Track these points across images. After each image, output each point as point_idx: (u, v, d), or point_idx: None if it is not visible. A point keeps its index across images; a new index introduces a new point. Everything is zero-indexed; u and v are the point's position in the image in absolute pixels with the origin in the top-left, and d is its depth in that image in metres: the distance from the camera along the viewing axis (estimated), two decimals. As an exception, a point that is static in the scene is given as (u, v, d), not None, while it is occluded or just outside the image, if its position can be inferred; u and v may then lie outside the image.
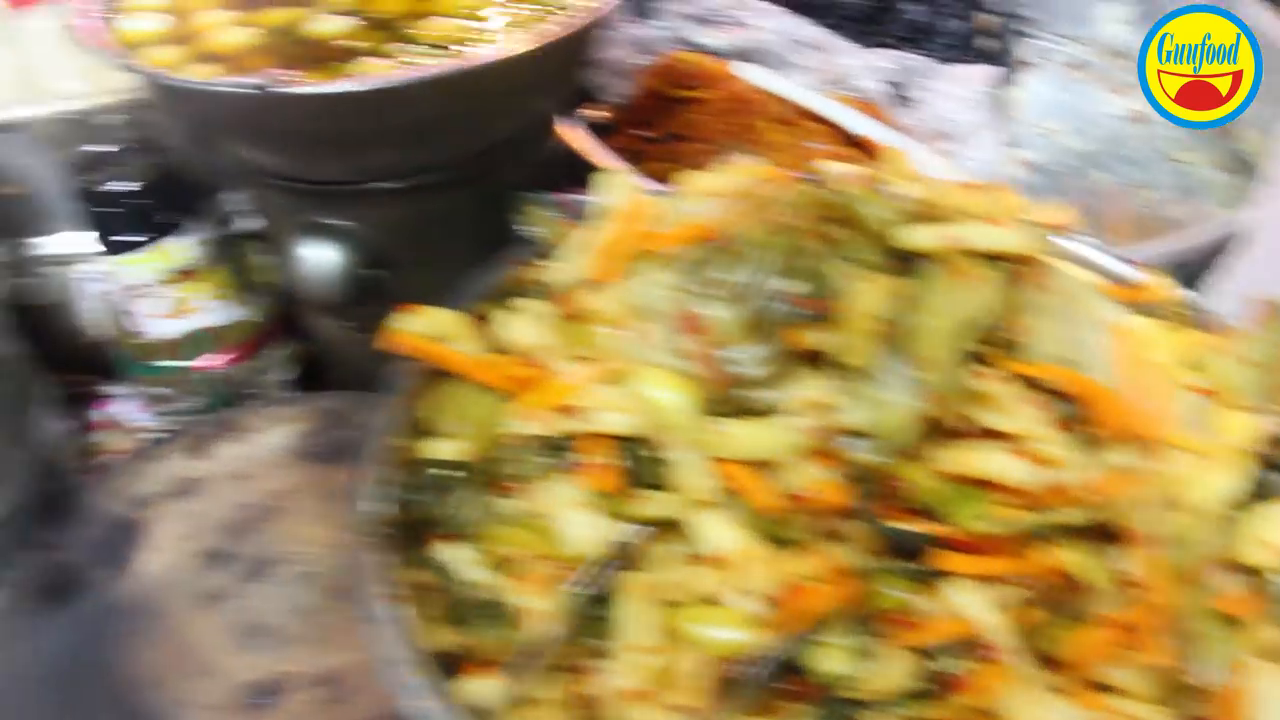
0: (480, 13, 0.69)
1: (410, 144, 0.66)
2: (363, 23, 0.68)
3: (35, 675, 0.70)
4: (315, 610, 0.70)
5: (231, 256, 0.81)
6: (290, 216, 0.72)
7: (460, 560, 0.48)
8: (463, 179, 0.71)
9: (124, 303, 0.78)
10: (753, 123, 0.90)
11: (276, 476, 0.78)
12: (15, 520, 0.76)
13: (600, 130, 0.80)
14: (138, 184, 0.75)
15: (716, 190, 0.50)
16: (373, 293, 0.73)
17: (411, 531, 0.48)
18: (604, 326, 0.49)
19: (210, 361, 0.80)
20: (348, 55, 0.65)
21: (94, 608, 0.72)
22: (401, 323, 0.52)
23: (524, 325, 0.52)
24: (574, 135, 0.76)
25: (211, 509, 0.76)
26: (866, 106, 0.94)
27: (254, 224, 0.81)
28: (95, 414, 0.90)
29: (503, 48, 0.64)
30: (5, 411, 0.76)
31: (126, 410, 0.90)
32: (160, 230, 0.76)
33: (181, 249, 0.77)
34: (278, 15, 0.70)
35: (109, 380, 0.90)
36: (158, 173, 0.75)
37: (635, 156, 0.95)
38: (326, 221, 0.72)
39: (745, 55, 0.97)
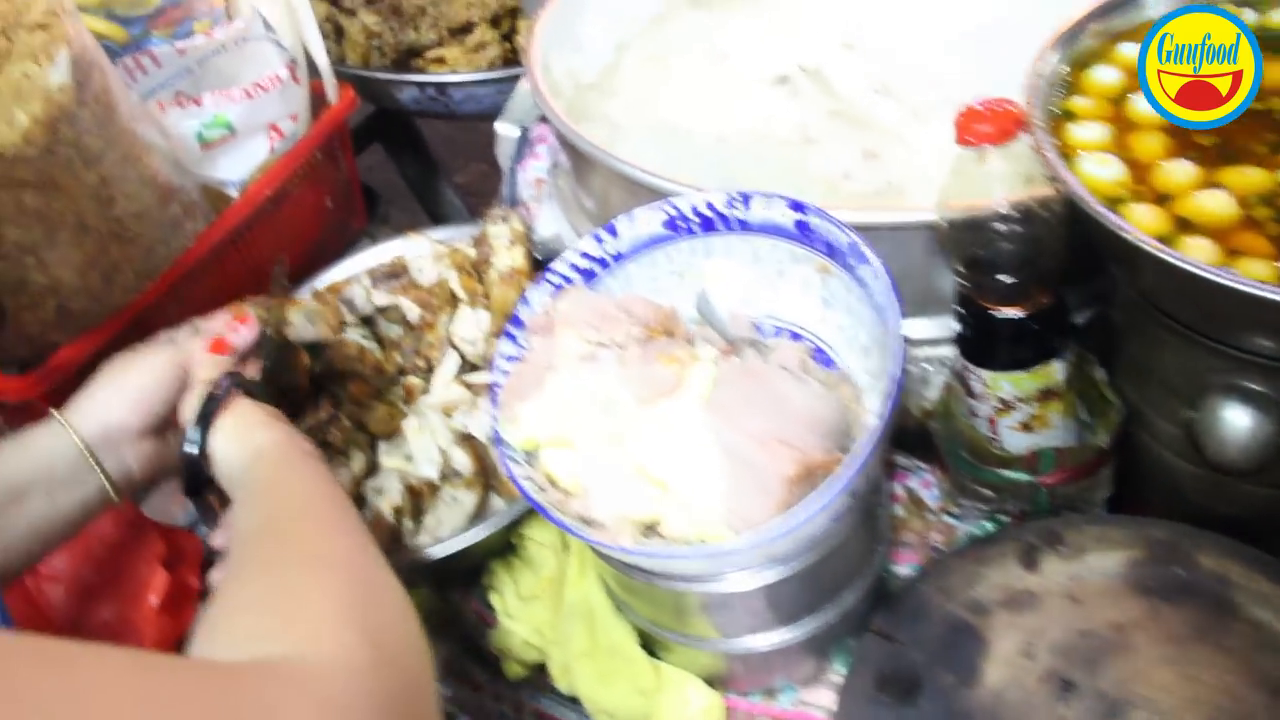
0: None
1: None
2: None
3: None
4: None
5: (1083, 381, 0.81)
6: (1210, 375, 0.70)
7: None
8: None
9: (985, 409, 0.80)
10: None
11: (1112, 606, 0.78)
12: (859, 606, 0.81)
13: None
14: (1027, 312, 0.76)
15: None
16: (1272, 456, 0.71)
17: None
18: None
19: (1052, 478, 0.81)
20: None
21: (942, 711, 0.76)
22: None
23: None
24: None
25: (1049, 629, 0.78)
26: None
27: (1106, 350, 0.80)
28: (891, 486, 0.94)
29: None
30: (868, 502, 0.80)
31: (916, 487, 0.93)
32: (1042, 353, 0.77)
33: (1053, 371, 0.78)
34: (1251, 178, 0.67)
35: (906, 455, 0.94)
36: (1048, 301, 0.76)
37: None
38: (1249, 386, 0.69)
39: None
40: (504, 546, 0.91)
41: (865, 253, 0.75)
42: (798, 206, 0.79)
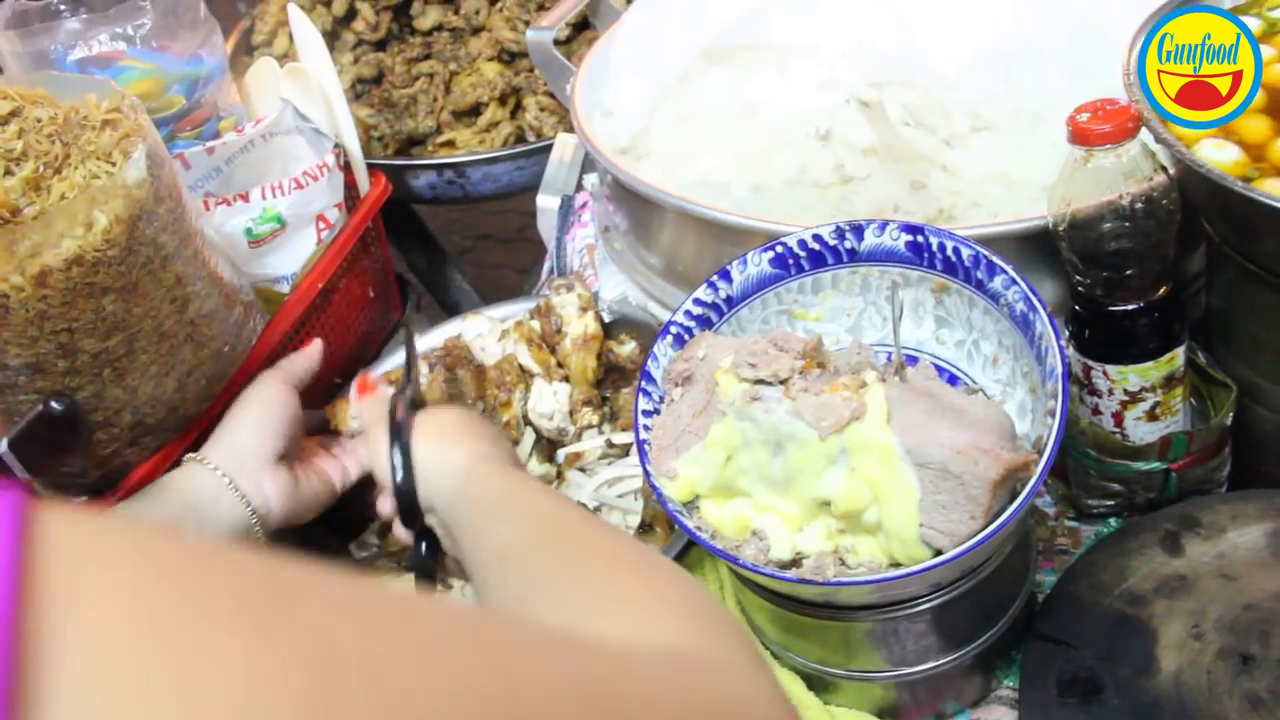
0: None
1: None
2: None
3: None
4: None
5: (1194, 364, 0.84)
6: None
7: None
8: None
9: (1110, 404, 0.82)
10: None
11: (1266, 577, 0.80)
12: (1022, 617, 0.81)
13: None
14: (1140, 304, 0.79)
15: None
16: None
17: None
18: None
19: (1183, 462, 0.83)
20: None
21: (1130, 704, 0.76)
22: None
23: None
24: None
25: (1210, 608, 0.79)
26: None
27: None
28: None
29: None
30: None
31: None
32: (1168, 340, 0.80)
33: (1176, 357, 0.80)
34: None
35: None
36: (1167, 289, 0.79)
37: None
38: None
39: None
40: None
41: (996, 263, 0.76)
42: (912, 229, 0.80)
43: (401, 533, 0.76)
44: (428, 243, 1.37)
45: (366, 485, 0.88)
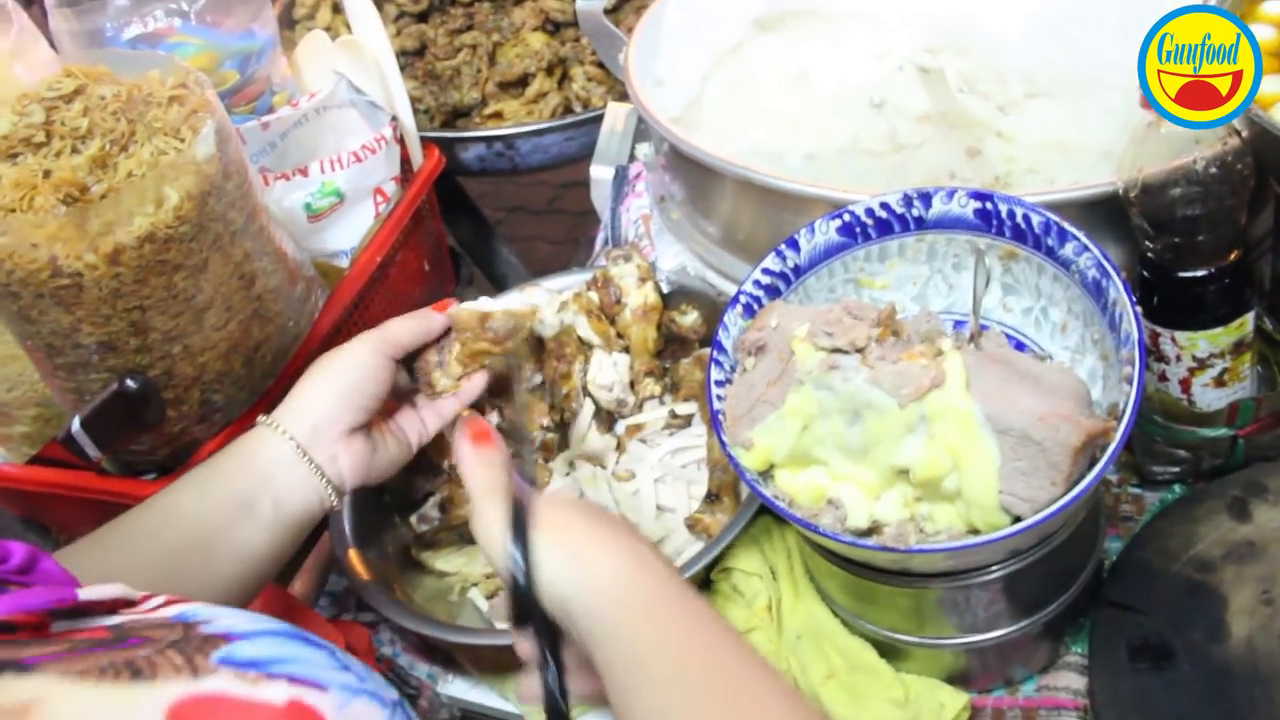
0: None
1: None
2: None
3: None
4: None
5: (1261, 329, 0.84)
6: None
7: None
8: None
9: (1177, 371, 0.82)
10: None
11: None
12: (1091, 583, 0.81)
13: None
14: (1210, 269, 0.78)
15: None
16: None
17: None
18: None
19: (1250, 428, 0.83)
20: None
21: (1202, 670, 0.76)
22: None
23: None
24: None
25: (1279, 573, 0.80)
26: None
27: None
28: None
29: None
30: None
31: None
32: (1238, 306, 0.79)
33: (1245, 323, 0.80)
34: None
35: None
36: (1238, 255, 0.78)
37: None
38: None
39: None
40: (699, 584, 0.88)
41: (1068, 230, 0.76)
42: (981, 196, 0.80)
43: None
44: (474, 215, 1.37)
45: (433, 449, 0.87)
